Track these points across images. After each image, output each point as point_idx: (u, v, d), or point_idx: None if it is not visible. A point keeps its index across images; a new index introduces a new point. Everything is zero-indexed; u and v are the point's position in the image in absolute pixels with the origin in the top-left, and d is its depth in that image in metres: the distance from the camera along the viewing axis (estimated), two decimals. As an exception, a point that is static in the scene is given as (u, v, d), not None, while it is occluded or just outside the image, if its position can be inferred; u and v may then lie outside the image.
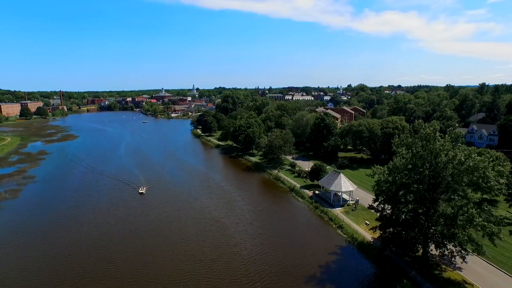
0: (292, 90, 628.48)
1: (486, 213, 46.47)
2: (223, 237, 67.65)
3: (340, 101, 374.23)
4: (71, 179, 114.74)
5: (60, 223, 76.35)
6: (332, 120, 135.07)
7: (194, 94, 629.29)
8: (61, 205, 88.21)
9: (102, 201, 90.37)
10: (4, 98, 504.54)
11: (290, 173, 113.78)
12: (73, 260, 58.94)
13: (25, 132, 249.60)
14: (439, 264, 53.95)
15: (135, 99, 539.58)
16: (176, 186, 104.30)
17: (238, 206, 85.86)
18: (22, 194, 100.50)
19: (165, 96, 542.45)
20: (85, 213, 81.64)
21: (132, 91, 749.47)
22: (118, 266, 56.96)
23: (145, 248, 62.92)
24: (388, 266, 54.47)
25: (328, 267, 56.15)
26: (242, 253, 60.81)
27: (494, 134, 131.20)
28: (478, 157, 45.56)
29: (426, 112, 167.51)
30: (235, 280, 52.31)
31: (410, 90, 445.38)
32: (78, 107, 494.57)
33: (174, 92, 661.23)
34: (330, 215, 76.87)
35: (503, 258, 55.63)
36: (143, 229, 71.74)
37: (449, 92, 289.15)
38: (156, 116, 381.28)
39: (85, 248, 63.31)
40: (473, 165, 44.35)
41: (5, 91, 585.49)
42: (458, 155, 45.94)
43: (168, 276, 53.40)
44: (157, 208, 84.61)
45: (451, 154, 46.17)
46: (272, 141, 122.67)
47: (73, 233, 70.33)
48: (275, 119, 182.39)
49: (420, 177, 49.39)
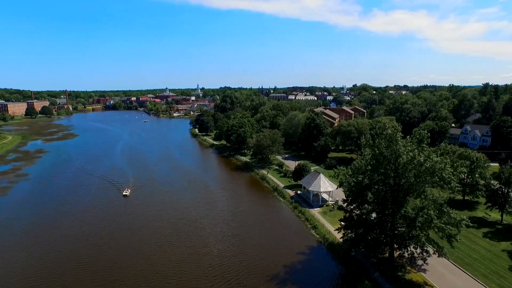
0: (297, 90, 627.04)
1: (445, 215, 46.10)
2: (198, 238, 67.87)
3: (342, 101, 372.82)
4: (62, 178, 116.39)
5: (39, 222, 77.65)
6: (322, 120, 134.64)
7: (198, 93, 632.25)
8: (45, 204, 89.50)
9: (87, 201, 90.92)
10: (12, 97, 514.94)
11: (277, 173, 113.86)
12: (45, 258, 60.19)
13: (28, 131, 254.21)
14: (405, 265, 53.61)
15: (140, 98, 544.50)
16: (164, 186, 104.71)
17: (219, 207, 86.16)
18: (10, 192, 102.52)
19: (169, 96, 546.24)
20: (67, 213, 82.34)
21: (137, 91, 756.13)
22: (85, 265, 57.28)
23: (118, 248, 63.42)
24: (353, 266, 54.38)
25: (294, 267, 56.23)
26: (212, 254, 60.87)
27: (487, 135, 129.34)
28: (436, 158, 45.20)
29: (422, 112, 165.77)
30: (201, 281, 52.47)
31: (414, 90, 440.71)
32: (84, 106, 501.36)
33: (178, 91, 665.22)
34: (307, 215, 76.82)
35: (470, 260, 55.06)
36: (120, 230, 72.12)
37: (452, 92, 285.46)
38: (159, 115, 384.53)
39: (60, 247, 64.28)
40: (430, 166, 44.07)
41: (14, 91, 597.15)
42: (417, 156, 45.64)
43: (134, 276, 53.77)
44: (139, 209, 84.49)
45: (410, 155, 45.90)
46: (260, 141, 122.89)
47: (50, 232, 71.45)
48: (270, 119, 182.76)
49: (382, 178, 49.17)
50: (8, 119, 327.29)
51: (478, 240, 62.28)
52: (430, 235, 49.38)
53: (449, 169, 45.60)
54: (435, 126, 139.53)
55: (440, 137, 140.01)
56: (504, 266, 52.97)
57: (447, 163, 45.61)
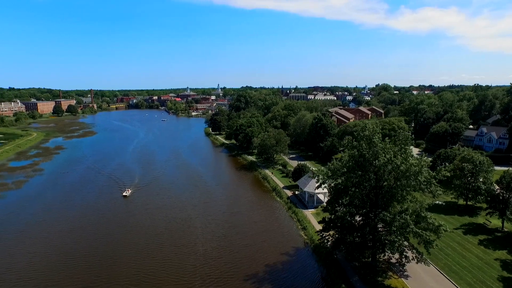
0: (317, 89, 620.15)
1: (423, 220, 44.52)
2: (188, 237, 68.45)
3: (362, 101, 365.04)
4: (72, 175, 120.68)
5: (41, 215, 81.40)
6: (330, 121, 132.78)
7: (218, 93, 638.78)
8: (50, 199, 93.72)
9: (89, 198, 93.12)
10: (43, 96, 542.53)
11: (280, 173, 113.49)
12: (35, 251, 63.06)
13: (52, 128, 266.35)
14: (386, 270, 52.22)
15: (161, 97, 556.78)
16: (166, 185, 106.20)
17: (215, 207, 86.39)
18: (25, 185, 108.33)
19: (190, 95, 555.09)
20: (66, 210, 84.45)
21: (160, 90, 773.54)
22: (70, 262, 58.75)
23: (107, 246, 64.61)
24: (333, 269, 53.57)
25: (275, 268, 56.07)
26: (198, 253, 61.04)
27: (504, 138, 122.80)
28: (412, 161, 43.69)
29: (437, 113, 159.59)
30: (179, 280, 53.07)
31: (437, 90, 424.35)
32: (108, 105, 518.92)
33: (199, 91, 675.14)
34: (299, 216, 76.27)
35: (457, 268, 52.76)
36: (113, 229, 72.95)
37: (476, 92, 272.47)
38: (177, 114, 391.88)
39: (54, 244, 66.08)
40: (405, 170, 42.70)
41: (45, 90, 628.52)
42: (392, 158, 44.35)
43: (116, 274, 54.74)
44: (135, 208, 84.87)
45: (387, 157, 44.66)
46: (265, 141, 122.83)
47: (47, 228, 73.79)
48: (281, 119, 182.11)
49: (359, 180, 48.09)
50: (37, 117, 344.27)
51: (472, 248, 59.54)
52: (410, 240, 47.88)
53: (425, 172, 43.96)
54: (448, 128, 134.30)
55: (453, 139, 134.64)
56: (493, 276, 50.43)
57: (423, 166, 43.90)
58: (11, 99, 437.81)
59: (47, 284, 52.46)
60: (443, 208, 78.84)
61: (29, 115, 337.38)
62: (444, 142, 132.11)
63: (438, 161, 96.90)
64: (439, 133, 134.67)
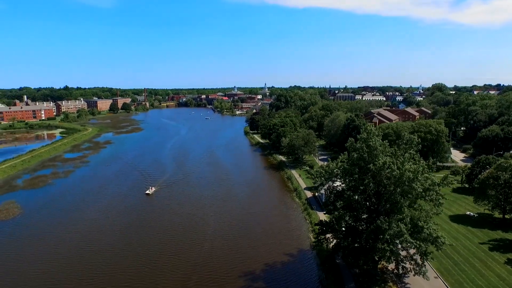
0: (367, 89, 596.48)
1: (422, 230, 41.30)
2: (197, 235, 69.78)
3: (413, 102, 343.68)
4: (111, 167, 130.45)
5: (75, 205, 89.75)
6: (363, 122, 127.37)
7: (265, 92, 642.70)
8: (87, 189, 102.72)
9: (121, 191, 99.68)
10: (103, 94, 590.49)
11: (306, 174, 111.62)
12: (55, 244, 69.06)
13: (106, 124, 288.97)
14: (387, 280, 49.30)
15: (209, 96, 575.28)
16: (194, 182, 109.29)
17: (233, 206, 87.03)
18: (71, 175, 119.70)
19: (236, 94, 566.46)
20: (95, 203, 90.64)
21: (209, 89, 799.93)
22: (75, 256, 61.48)
23: (122, 240, 68.00)
24: (331, 274, 51.90)
25: (275, 269, 55.78)
26: (204, 251, 62.33)
27: None
28: (407, 167, 40.62)
29: (491, 115, 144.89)
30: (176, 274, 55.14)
31: (504, 90, 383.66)
32: (159, 103, 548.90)
33: (246, 90, 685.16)
34: (313, 218, 74.76)
35: (469, 286, 48.01)
36: (131, 223, 76.64)
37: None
38: (222, 113, 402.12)
39: (71, 235, 70.46)
40: (398, 175, 39.96)
41: (106, 89, 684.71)
42: (388, 162, 41.75)
43: (123, 267, 57.92)
44: (159, 204, 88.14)
45: (381, 161, 42.17)
46: (293, 141, 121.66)
47: (74, 219, 79.40)
48: (318, 119, 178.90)
49: (356, 184, 45.97)
50: (96, 114, 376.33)
51: (495, 266, 53.63)
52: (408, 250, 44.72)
53: (420, 179, 40.64)
54: (500, 132, 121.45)
55: (505, 144, 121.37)
56: (511, 299, 45.14)
57: (419, 172, 40.56)
58: (77, 97, 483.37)
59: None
60: (474, 220, 72.04)
61: (89, 112, 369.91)
62: (494, 147, 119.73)
63: (476, 169, 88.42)
64: (489, 137, 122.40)
